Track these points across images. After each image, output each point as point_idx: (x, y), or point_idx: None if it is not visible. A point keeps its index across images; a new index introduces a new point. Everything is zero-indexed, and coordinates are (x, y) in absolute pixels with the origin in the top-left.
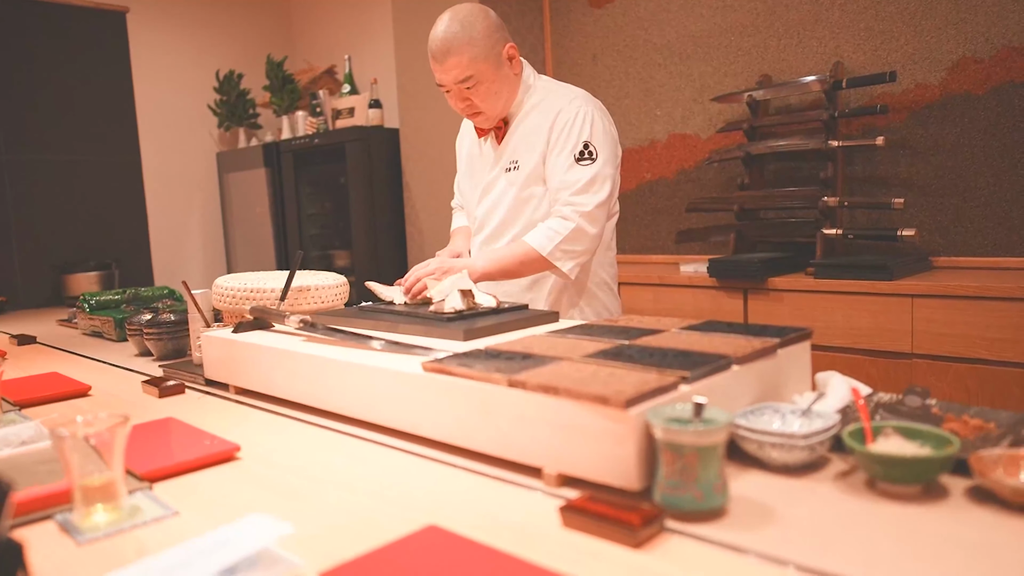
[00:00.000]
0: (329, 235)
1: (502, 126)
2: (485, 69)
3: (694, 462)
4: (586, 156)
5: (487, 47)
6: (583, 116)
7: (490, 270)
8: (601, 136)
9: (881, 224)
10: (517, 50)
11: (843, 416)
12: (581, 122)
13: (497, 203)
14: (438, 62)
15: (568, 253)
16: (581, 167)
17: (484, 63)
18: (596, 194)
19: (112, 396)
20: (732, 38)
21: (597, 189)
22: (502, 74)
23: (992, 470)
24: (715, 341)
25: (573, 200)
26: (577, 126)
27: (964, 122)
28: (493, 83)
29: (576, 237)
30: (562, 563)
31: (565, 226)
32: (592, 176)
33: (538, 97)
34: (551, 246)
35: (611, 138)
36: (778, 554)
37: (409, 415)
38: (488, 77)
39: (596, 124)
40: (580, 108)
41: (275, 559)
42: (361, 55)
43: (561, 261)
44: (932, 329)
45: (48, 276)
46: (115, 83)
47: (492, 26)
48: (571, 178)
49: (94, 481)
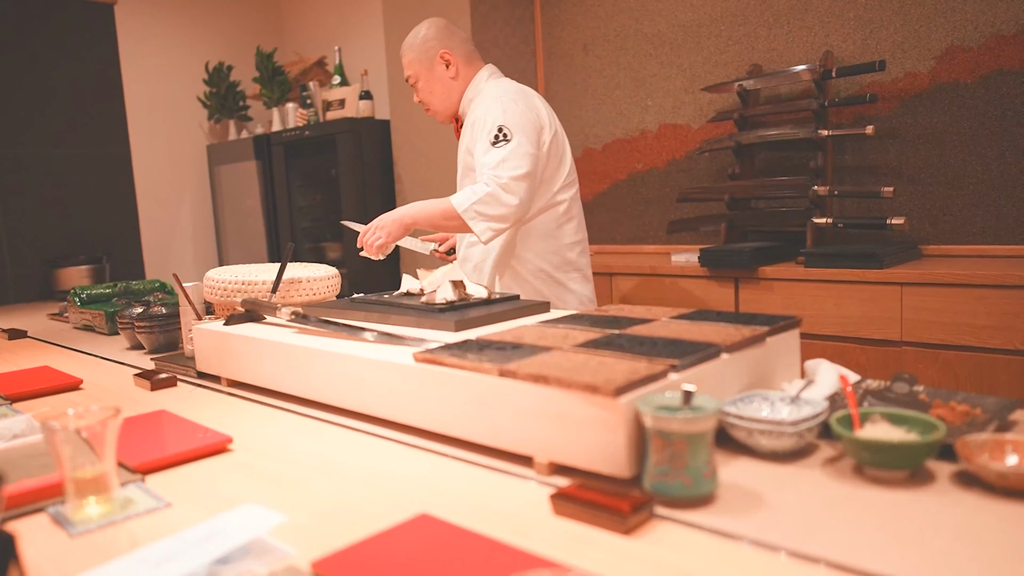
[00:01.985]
0: (320, 227)
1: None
2: (419, 70)
3: (683, 449)
4: (500, 139)
5: (421, 52)
6: (497, 105)
7: (416, 216)
8: (516, 119)
9: (871, 213)
10: (454, 56)
11: (831, 403)
12: (492, 113)
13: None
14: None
15: (481, 215)
16: (497, 149)
17: (419, 65)
18: (513, 169)
19: (104, 389)
20: (722, 27)
21: (514, 165)
22: (435, 75)
23: (978, 455)
24: (705, 330)
25: (491, 173)
26: (491, 116)
27: (953, 110)
28: (427, 82)
29: (489, 200)
30: (553, 550)
31: (481, 188)
32: (506, 155)
33: (475, 97)
34: (467, 204)
35: (529, 121)
36: (767, 539)
37: (401, 405)
38: (423, 77)
39: (508, 110)
40: (496, 99)
41: (267, 549)
42: (351, 46)
43: (474, 221)
44: (921, 317)
45: (38, 270)
46: (104, 76)
47: (431, 35)
48: (489, 159)
49: (86, 473)
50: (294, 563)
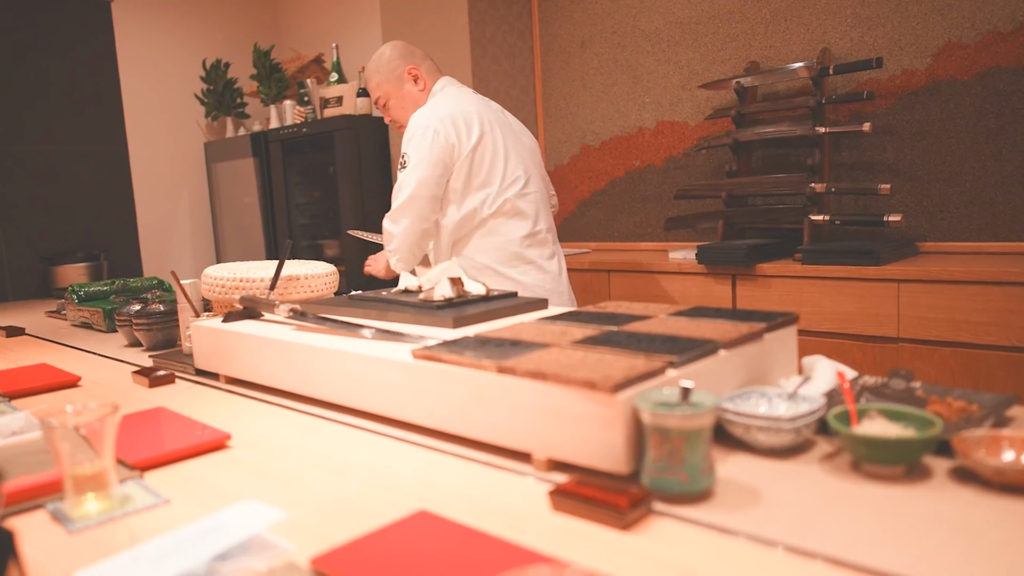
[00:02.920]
0: (318, 224)
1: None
2: (389, 90)
3: (681, 445)
4: (402, 166)
5: (388, 71)
6: (411, 130)
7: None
8: (416, 142)
9: (868, 210)
10: (422, 72)
11: (829, 399)
12: (407, 136)
13: None
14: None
15: (391, 253)
16: (401, 174)
17: (387, 84)
18: (397, 197)
19: (102, 387)
20: (720, 24)
21: (397, 192)
22: (405, 91)
23: (974, 451)
24: (703, 326)
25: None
26: (405, 140)
27: (950, 107)
28: (398, 99)
29: (386, 236)
30: (552, 546)
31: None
32: (400, 182)
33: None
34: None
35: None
36: (764, 535)
37: (399, 402)
38: (393, 95)
39: (415, 134)
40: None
41: (266, 545)
42: (349, 43)
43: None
44: (917, 313)
45: (36, 268)
46: (101, 72)
47: (396, 55)
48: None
49: (85, 470)
50: (293, 559)
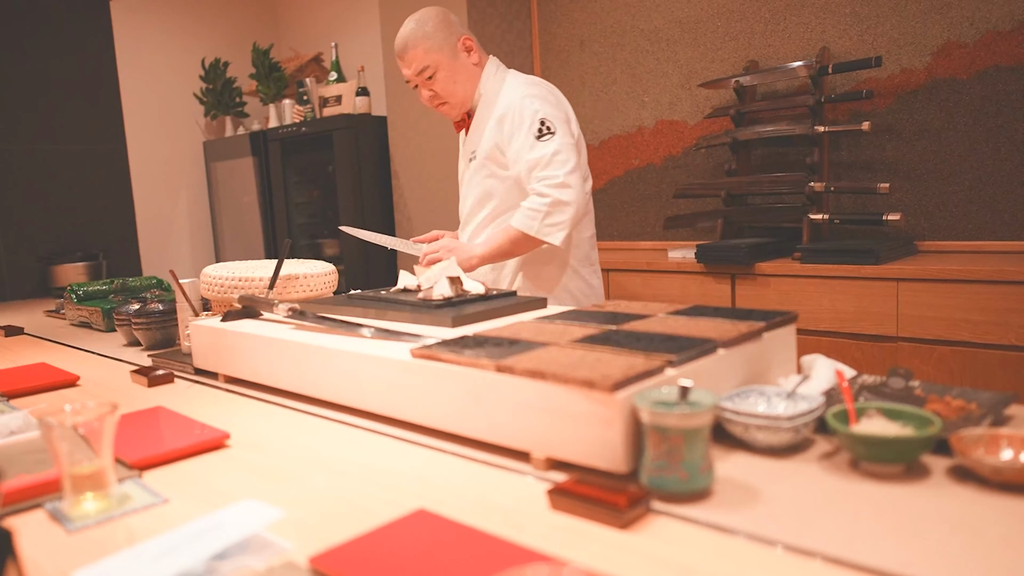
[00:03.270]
0: (317, 224)
1: (467, 119)
2: (440, 59)
3: (680, 444)
4: (545, 132)
5: (440, 38)
6: (531, 99)
7: (487, 253)
8: (553, 112)
9: (867, 209)
10: (476, 44)
11: (827, 398)
12: (529, 104)
13: (466, 192)
14: (401, 58)
15: (553, 226)
16: (543, 143)
17: (439, 53)
18: (564, 164)
19: (101, 386)
20: (719, 23)
21: (564, 159)
22: (458, 63)
23: (973, 449)
24: (701, 325)
25: (544, 175)
26: (528, 108)
27: (949, 106)
28: (450, 71)
29: (555, 209)
30: (551, 545)
31: (542, 202)
32: (556, 148)
33: (494, 89)
34: (536, 224)
35: (564, 112)
36: (763, 533)
37: (398, 401)
38: (444, 66)
39: (547, 100)
40: (525, 93)
41: (265, 544)
42: (348, 42)
43: (550, 236)
44: (917, 312)
45: (34, 267)
46: (100, 71)
47: (445, 21)
48: (536, 155)
49: (83, 470)
50: (292, 558)
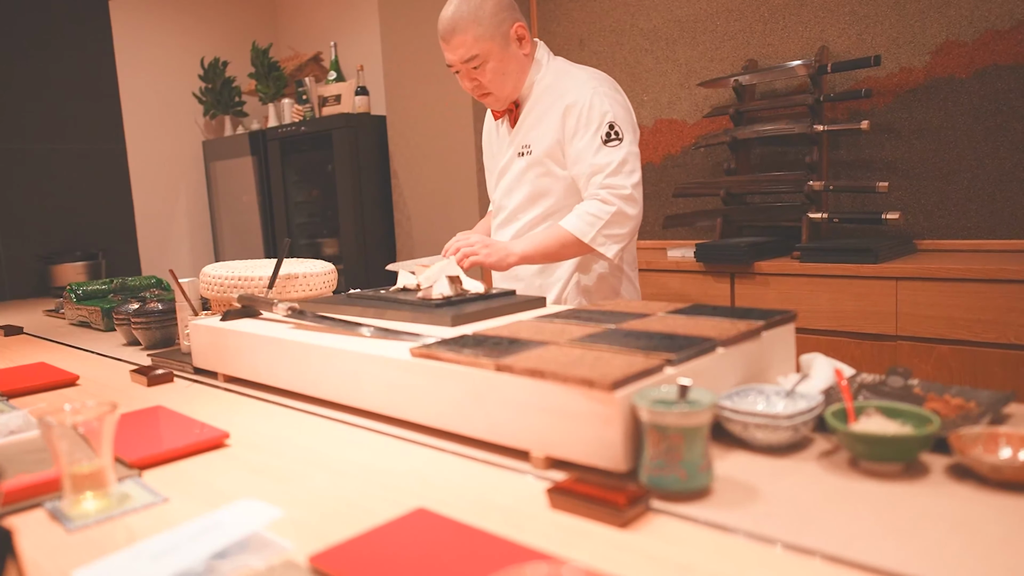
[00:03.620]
0: (317, 223)
1: (514, 109)
2: (491, 48)
3: (679, 443)
4: (613, 137)
5: (493, 26)
6: (602, 97)
7: (529, 252)
8: (623, 115)
9: (866, 208)
10: (527, 30)
11: (826, 397)
12: (600, 103)
13: (512, 188)
14: (445, 41)
15: (611, 237)
16: (610, 148)
17: (490, 42)
18: (631, 174)
19: (100, 385)
20: (718, 22)
21: (631, 169)
22: (509, 53)
23: (971, 448)
24: (701, 324)
25: (610, 183)
26: (598, 108)
27: (948, 105)
28: (500, 62)
29: (618, 220)
30: (550, 543)
31: (605, 210)
32: (624, 156)
33: (551, 79)
34: (592, 231)
35: (632, 116)
36: (763, 532)
37: (397, 400)
38: (495, 56)
39: (617, 104)
40: (596, 89)
41: (265, 543)
42: (347, 41)
43: (604, 246)
44: (916, 311)
45: (34, 267)
46: (99, 71)
47: (500, 5)
48: (602, 161)
49: (83, 469)
50: (291, 557)
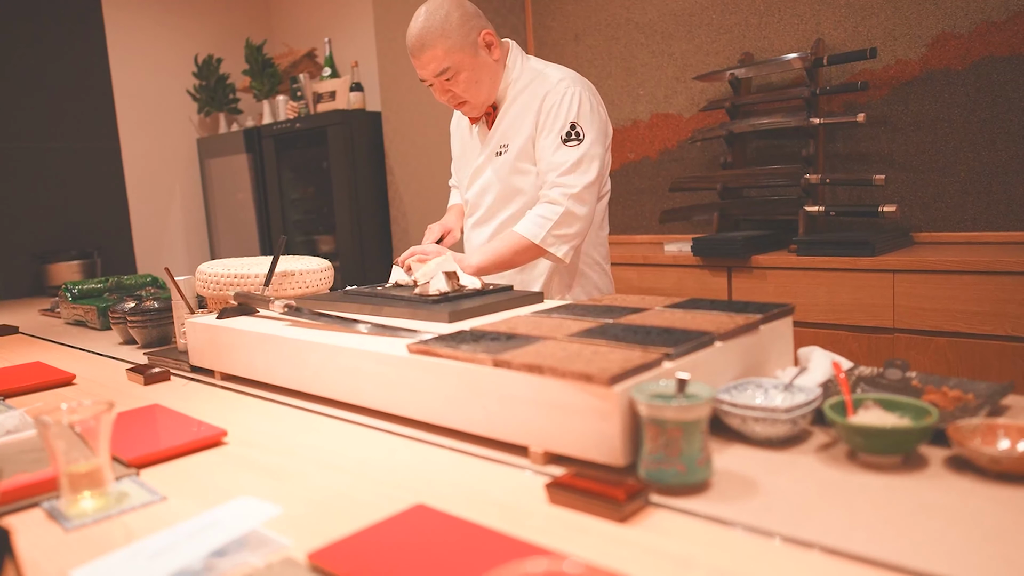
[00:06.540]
0: (312, 220)
1: (491, 111)
2: (462, 59)
3: (678, 437)
4: (572, 137)
5: (461, 36)
6: (569, 97)
7: (484, 264)
8: (588, 116)
9: (862, 200)
10: (495, 36)
11: (825, 390)
12: (568, 103)
13: (487, 187)
14: (416, 57)
15: (560, 238)
16: (568, 148)
17: (460, 53)
18: (584, 174)
19: (97, 384)
20: (713, 16)
21: (584, 169)
22: (480, 61)
23: (970, 439)
24: (698, 318)
25: (560, 181)
26: (564, 107)
27: (944, 97)
28: (472, 71)
29: (566, 221)
30: (549, 539)
31: (554, 211)
32: (579, 157)
33: (526, 79)
34: (543, 233)
35: (599, 118)
36: (761, 525)
37: (395, 397)
38: (466, 66)
39: (583, 104)
40: (567, 89)
41: (263, 540)
42: (341, 38)
43: (554, 247)
44: (913, 304)
45: (29, 266)
46: (92, 68)
47: (465, 15)
48: (558, 159)
49: (80, 468)
50: (290, 554)
